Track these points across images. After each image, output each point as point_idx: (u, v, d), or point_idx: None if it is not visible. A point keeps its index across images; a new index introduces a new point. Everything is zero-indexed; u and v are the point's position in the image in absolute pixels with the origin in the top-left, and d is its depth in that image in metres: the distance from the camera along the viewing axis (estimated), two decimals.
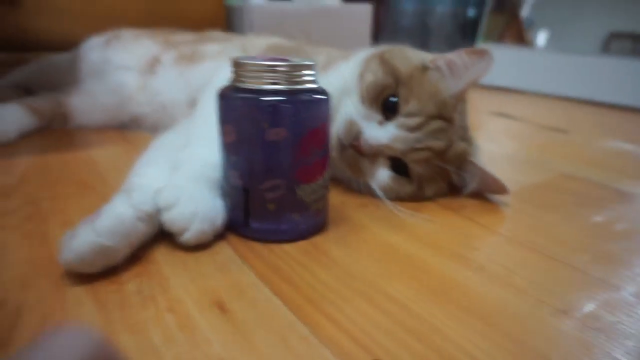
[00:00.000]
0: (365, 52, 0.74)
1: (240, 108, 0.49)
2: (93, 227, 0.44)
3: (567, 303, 0.45)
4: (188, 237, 0.50)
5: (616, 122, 1.53)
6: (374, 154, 0.65)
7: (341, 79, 0.69)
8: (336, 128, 0.66)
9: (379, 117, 0.66)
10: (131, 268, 0.47)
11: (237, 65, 0.51)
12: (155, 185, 0.53)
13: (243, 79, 0.50)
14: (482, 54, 0.64)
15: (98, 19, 1.38)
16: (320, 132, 0.52)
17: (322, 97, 0.52)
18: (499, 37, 2.38)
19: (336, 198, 0.68)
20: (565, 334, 0.40)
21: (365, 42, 1.85)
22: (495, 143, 1.11)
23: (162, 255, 0.50)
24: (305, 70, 0.51)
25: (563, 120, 1.46)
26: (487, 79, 0.77)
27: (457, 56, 0.66)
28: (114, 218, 0.46)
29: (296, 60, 0.51)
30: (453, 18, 2.24)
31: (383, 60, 0.68)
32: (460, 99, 0.67)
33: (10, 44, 1.30)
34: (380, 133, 0.64)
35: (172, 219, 0.50)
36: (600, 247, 0.58)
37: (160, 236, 0.52)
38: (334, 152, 0.66)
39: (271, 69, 0.49)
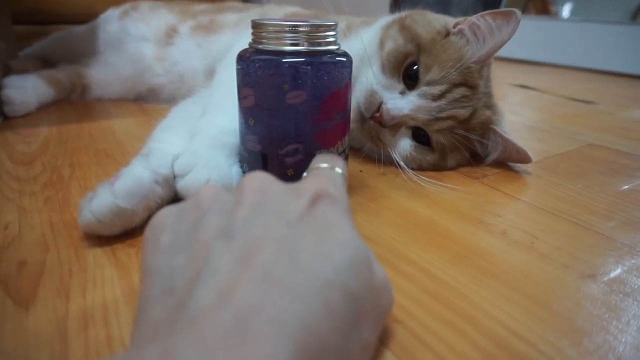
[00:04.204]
0: (386, 19, 0.72)
1: (259, 70, 0.48)
2: (111, 190, 0.44)
3: (593, 268, 0.44)
4: None
5: None
6: (396, 125, 0.64)
7: (361, 46, 0.67)
8: (356, 98, 0.64)
9: (400, 86, 0.64)
10: None
11: (257, 26, 0.49)
12: (174, 151, 0.53)
13: (263, 41, 0.48)
14: (508, 15, 0.60)
15: None
16: (341, 95, 0.51)
17: (344, 59, 0.50)
18: (522, 9, 2.32)
19: (355, 166, 0.67)
20: (592, 298, 0.39)
21: (385, 12, 1.82)
22: (518, 114, 1.08)
23: None
24: (326, 31, 0.49)
25: (588, 92, 1.43)
26: (509, 52, 0.75)
27: (482, 19, 0.62)
28: (132, 181, 0.46)
29: (317, 21, 0.50)
30: None
31: (403, 26, 0.66)
32: (485, 64, 0.65)
33: (30, 17, 1.30)
34: (402, 103, 0.62)
35: (185, 186, 0.49)
36: (627, 214, 0.56)
37: (177, 200, 0.52)
38: (353, 124, 0.63)
39: (292, 30, 0.47)
